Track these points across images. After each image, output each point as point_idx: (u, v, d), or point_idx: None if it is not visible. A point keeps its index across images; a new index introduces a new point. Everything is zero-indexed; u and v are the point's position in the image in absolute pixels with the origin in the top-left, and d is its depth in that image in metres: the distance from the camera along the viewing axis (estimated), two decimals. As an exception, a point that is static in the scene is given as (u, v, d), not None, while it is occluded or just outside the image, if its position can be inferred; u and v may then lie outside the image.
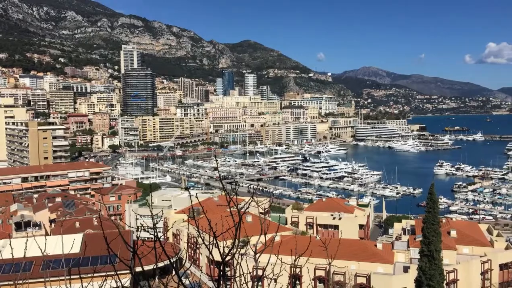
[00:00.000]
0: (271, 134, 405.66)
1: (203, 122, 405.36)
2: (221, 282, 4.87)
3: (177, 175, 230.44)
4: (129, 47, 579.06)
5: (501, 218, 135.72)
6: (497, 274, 61.54)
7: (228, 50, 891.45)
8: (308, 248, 11.15)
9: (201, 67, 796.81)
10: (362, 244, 67.75)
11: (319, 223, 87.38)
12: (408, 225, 75.77)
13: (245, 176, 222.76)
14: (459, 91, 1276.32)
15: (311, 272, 56.79)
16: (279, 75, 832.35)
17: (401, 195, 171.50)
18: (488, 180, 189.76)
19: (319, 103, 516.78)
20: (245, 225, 20.88)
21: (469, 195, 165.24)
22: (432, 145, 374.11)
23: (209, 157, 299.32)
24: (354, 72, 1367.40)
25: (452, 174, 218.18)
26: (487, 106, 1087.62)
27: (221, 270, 4.84)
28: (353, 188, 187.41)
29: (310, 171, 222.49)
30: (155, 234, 4.99)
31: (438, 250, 41.87)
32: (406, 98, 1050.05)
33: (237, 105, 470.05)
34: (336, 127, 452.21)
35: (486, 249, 63.14)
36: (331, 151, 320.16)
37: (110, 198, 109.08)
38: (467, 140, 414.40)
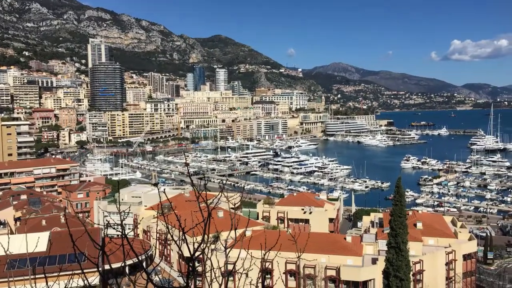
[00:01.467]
0: (242, 129, 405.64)
1: (174, 117, 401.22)
2: (190, 278, 4.88)
3: (148, 171, 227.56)
4: (96, 41, 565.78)
5: (465, 210, 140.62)
6: (461, 264, 63.76)
7: (199, 45, 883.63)
8: (278, 242, 11.27)
9: (172, 61, 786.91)
10: (332, 238, 68.84)
11: (290, 218, 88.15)
12: (376, 218, 77.47)
13: (217, 172, 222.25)
14: (425, 87, 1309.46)
15: (282, 266, 57.35)
16: (250, 70, 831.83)
17: (369, 189, 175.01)
18: (452, 174, 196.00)
19: (290, 99, 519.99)
20: (216, 220, 20.99)
21: (434, 188, 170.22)
22: (400, 139, 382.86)
23: (180, 152, 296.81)
24: (324, 68, 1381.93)
25: (418, 168, 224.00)
26: (451, 101, 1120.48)
27: (190, 266, 4.86)
28: (323, 182, 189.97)
29: (281, 166, 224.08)
30: (122, 231, 4.94)
31: (405, 242, 43.05)
32: (374, 94, 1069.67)
33: (208, 100, 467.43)
34: (307, 122, 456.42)
35: (450, 240, 65.21)
36: (301, 146, 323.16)
37: (78, 195, 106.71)
38: (432, 135, 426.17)
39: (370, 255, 60.50)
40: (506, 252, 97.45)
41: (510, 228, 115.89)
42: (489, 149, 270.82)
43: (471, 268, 65.70)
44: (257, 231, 61.16)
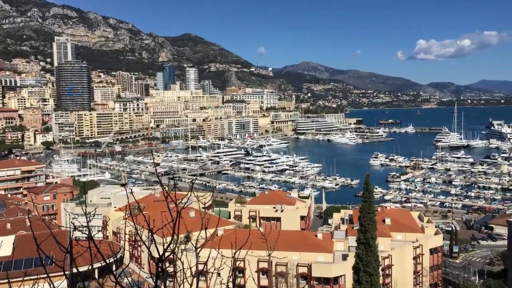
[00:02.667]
0: (214, 128, 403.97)
1: (144, 117, 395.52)
2: (159, 279, 4.86)
3: (117, 171, 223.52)
4: (62, 39, 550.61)
5: (431, 205, 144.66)
6: (428, 258, 65.62)
7: (168, 44, 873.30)
8: (251, 241, 11.31)
9: (141, 60, 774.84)
10: (303, 235, 69.54)
11: (262, 216, 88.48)
12: (346, 215, 78.73)
13: (188, 171, 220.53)
14: (392, 86, 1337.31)
15: (254, 265, 57.55)
16: (221, 69, 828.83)
17: (340, 186, 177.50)
18: (419, 170, 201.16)
19: (261, 98, 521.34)
20: (188, 220, 20.86)
21: (402, 184, 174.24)
22: (368, 137, 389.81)
23: (150, 152, 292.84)
24: (294, 67, 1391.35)
25: (387, 165, 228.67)
26: (417, 100, 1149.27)
27: (160, 267, 4.83)
28: (295, 180, 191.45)
29: (253, 165, 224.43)
30: (89, 233, 4.85)
31: (374, 238, 43.94)
32: (343, 93, 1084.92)
33: (178, 99, 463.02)
34: (278, 121, 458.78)
35: (417, 235, 67.00)
36: (273, 144, 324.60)
37: (44, 197, 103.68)
38: (399, 133, 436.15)
39: (340, 251, 61.46)
40: (470, 245, 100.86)
41: (474, 223, 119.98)
42: (453, 146, 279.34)
43: (437, 262, 67.71)
44: (229, 230, 61.12)
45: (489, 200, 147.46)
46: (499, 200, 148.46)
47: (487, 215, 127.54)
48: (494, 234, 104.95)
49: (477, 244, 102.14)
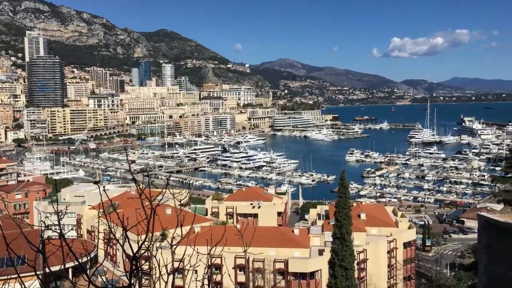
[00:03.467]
0: (190, 125, 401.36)
1: (119, 113, 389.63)
2: (133, 277, 4.87)
3: (91, 169, 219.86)
4: (34, 34, 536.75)
5: (405, 200, 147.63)
6: (402, 252, 67.05)
7: (143, 39, 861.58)
8: (227, 238, 11.36)
9: (115, 56, 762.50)
10: (280, 231, 70.01)
11: (239, 213, 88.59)
12: (322, 210, 79.56)
13: (164, 168, 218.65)
14: (367, 83, 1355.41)
15: (231, 261, 57.64)
16: (197, 65, 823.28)
17: (316, 182, 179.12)
18: (393, 166, 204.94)
19: (238, 94, 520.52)
20: (164, 217, 20.64)
21: (376, 180, 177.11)
22: (344, 134, 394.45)
23: (126, 149, 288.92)
24: (271, 63, 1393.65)
25: (362, 161, 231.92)
26: (392, 97, 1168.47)
27: (133, 265, 4.85)
28: (272, 177, 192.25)
29: (230, 162, 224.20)
30: (60, 232, 4.82)
31: (349, 233, 44.64)
32: (320, 90, 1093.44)
33: (154, 96, 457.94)
34: (255, 117, 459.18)
35: (391, 229, 68.34)
36: (250, 141, 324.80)
37: (16, 195, 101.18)
38: (374, 129, 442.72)
39: (317, 247, 62.16)
40: (442, 239, 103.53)
41: (446, 217, 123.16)
42: (426, 142, 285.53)
43: (411, 255, 69.25)
44: (206, 227, 60.99)
45: (460, 194, 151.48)
46: (470, 194, 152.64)
47: (458, 209, 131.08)
48: (465, 228, 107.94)
49: (449, 237, 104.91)
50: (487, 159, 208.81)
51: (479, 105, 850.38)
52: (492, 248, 17.51)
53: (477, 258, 66.16)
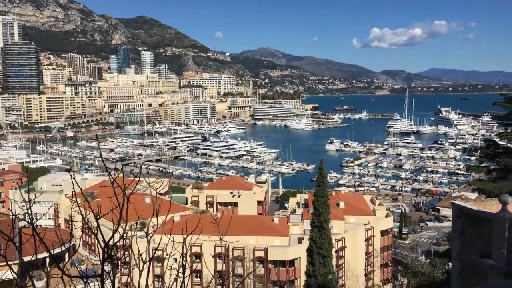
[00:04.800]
0: (170, 113, 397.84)
1: (97, 101, 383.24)
2: (106, 265, 4.84)
3: (69, 157, 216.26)
4: (8, 18, 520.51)
5: (383, 189, 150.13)
6: (379, 239, 68.36)
7: (122, 26, 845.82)
8: (207, 227, 11.38)
9: (93, 42, 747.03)
10: (260, 220, 70.46)
11: (219, 201, 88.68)
12: (302, 199, 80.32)
13: (144, 157, 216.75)
14: (347, 73, 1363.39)
15: (211, 249, 57.83)
16: (177, 53, 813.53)
17: (296, 171, 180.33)
18: (371, 155, 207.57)
19: (218, 83, 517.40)
20: (144, 206, 20.58)
21: (355, 169, 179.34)
22: (324, 123, 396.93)
23: (104, 138, 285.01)
24: (252, 52, 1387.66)
25: (341, 150, 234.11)
26: (371, 87, 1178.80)
27: (106, 253, 4.81)
28: (252, 166, 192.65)
29: (210, 151, 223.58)
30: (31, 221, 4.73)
31: (327, 221, 45.21)
32: (300, 79, 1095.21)
33: (133, 83, 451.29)
34: (235, 106, 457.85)
35: (369, 218, 69.51)
36: (230, 130, 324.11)
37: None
38: (354, 119, 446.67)
39: (296, 235, 62.84)
40: (419, 227, 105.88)
41: (422, 205, 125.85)
42: (404, 131, 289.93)
43: (388, 243, 70.69)
44: (186, 216, 60.91)
45: (437, 183, 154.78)
46: (446, 183, 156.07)
47: (434, 198, 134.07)
48: (440, 216, 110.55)
49: (425, 225, 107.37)
50: (462, 149, 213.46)
51: (456, 96, 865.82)
52: (465, 235, 18.01)
53: (451, 245, 67.98)
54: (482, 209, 17.49)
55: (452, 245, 20.81)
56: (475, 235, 16.83)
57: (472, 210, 17.32)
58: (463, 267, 17.98)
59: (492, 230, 15.02)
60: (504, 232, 14.36)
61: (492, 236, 14.98)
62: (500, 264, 14.46)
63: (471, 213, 17.26)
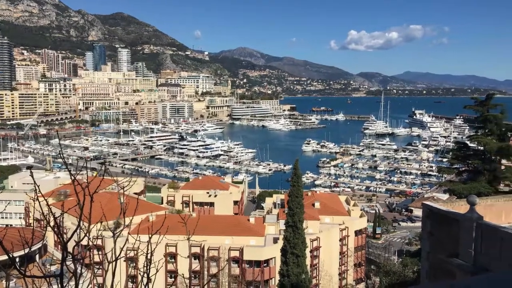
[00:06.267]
0: (147, 112, 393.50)
1: (71, 98, 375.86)
2: (66, 265, 4.77)
3: (42, 156, 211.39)
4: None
5: (358, 189, 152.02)
6: (353, 239, 69.28)
7: (99, 22, 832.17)
8: (182, 226, 11.31)
9: (68, 38, 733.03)
10: (236, 220, 70.45)
11: (195, 201, 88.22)
12: (278, 199, 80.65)
13: (119, 156, 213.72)
14: (325, 75, 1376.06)
15: (186, 250, 57.46)
16: (155, 51, 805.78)
17: (273, 172, 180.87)
18: (347, 156, 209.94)
19: (196, 82, 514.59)
20: (118, 206, 20.20)
21: (331, 169, 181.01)
22: (301, 124, 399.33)
23: (78, 136, 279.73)
24: (230, 52, 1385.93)
25: (318, 151, 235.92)
26: (348, 88, 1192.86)
27: (65, 253, 4.74)
28: (229, 166, 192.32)
29: (187, 150, 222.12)
30: None
31: (301, 221, 45.52)
32: (278, 80, 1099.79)
33: (109, 81, 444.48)
34: (213, 106, 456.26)
35: (344, 218, 70.34)
36: (208, 129, 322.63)
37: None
38: (331, 120, 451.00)
39: (272, 235, 63.08)
40: (392, 227, 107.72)
41: (395, 205, 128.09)
42: (380, 133, 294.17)
43: (361, 243, 71.71)
44: (161, 216, 60.35)
45: (410, 184, 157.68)
46: (419, 184, 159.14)
47: (407, 199, 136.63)
48: (413, 216, 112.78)
49: (398, 225, 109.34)
50: (435, 150, 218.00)
51: (430, 99, 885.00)
52: (434, 235, 18.42)
53: (421, 245, 69.42)
54: (450, 209, 17.89)
55: (421, 245, 21.24)
56: (444, 235, 17.23)
57: (441, 210, 17.71)
58: (431, 267, 18.38)
59: (460, 230, 15.38)
60: (471, 232, 14.71)
61: (460, 236, 15.34)
62: (468, 263, 14.83)
63: (440, 213, 17.64)
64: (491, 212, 17.71)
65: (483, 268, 13.98)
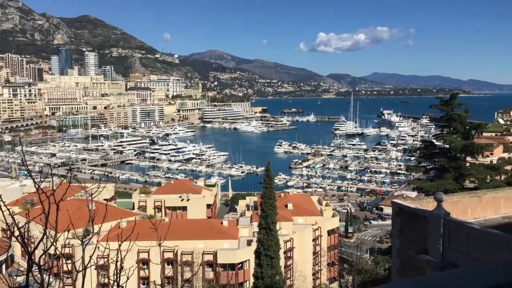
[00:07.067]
0: (116, 116, 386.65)
1: (37, 103, 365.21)
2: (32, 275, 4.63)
3: (6, 163, 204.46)
4: None
5: (329, 189, 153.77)
6: (326, 239, 70.00)
7: (64, 25, 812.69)
8: (154, 232, 11.12)
9: (33, 42, 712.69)
10: (209, 223, 70.02)
11: (167, 206, 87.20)
12: (251, 201, 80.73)
13: (88, 162, 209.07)
14: (295, 76, 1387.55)
15: (159, 255, 56.66)
16: (124, 54, 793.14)
17: (245, 174, 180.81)
18: (319, 157, 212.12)
19: (167, 85, 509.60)
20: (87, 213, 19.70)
21: (303, 170, 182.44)
22: (273, 126, 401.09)
23: (45, 142, 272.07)
24: (201, 55, 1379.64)
25: (290, 152, 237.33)
26: (318, 90, 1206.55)
27: (31, 262, 4.60)
28: (201, 169, 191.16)
29: (158, 154, 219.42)
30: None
31: (274, 222, 45.69)
32: (249, 82, 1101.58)
33: (77, 85, 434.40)
34: (184, 109, 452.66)
35: (317, 218, 71.01)
36: (179, 133, 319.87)
37: None
38: (302, 121, 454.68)
39: (245, 237, 63.00)
40: (363, 225, 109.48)
41: (366, 204, 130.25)
42: (350, 133, 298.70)
43: (334, 242, 72.55)
44: (132, 222, 59.34)
45: (380, 183, 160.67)
46: (388, 183, 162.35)
47: (378, 197, 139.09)
48: (383, 215, 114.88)
49: (369, 224, 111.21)
50: (403, 149, 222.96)
51: (397, 99, 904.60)
52: (404, 232, 18.82)
53: (391, 242, 70.83)
54: (419, 207, 18.30)
55: (392, 243, 21.62)
56: (413, 232, 17.61)
57: (410, 208, 18.09)
58: (402, 263, 18.75)
59: (428, 227, 15.74)
60: (439, 229, 15.07)
61: (428, 232, 15.70)
62: (436, 259, 15.20)
63: (409, 211, 18.02)
64: (458, 208, 18.22)
65: (451, 264, 14.37)
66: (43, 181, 5.40)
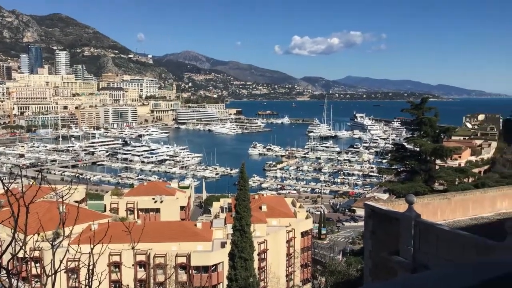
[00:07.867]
0: (88, 117, 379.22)
1: (5, 103, 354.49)
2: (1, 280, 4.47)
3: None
4: None
5: (303, 191, 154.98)
6: (299, 241, 70.49)
7: (35, 23, 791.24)
8: (127, 234, 10.91)
9: (1, 40, 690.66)
10: (183, 225, 69.45)
11: (140, 208, 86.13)
12: (225, 203, 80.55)
13: (58, 163, 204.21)
14: (270, 79, 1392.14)
15: (131, 258, 55.83)
16: (96, 54, 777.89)
17: (220, 176, 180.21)
18: (293, 159, 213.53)
19: (140, 86, 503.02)
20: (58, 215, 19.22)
21: (277, 172, 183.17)
22: (247, 127, 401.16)
23: (13, 142, 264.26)
24: (175, 55, 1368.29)
25: (264, 154, 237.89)
26: (292, 92, 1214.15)
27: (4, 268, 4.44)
28: (175, 170, 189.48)
29: (131, 155, 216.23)
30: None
31: (249, 224, 45.72)
32: (224, 83, 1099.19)
33: (47, 84, 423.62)
34: (158, 110, 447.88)
35: (290, 220, 71.44)
36: (152, 134, 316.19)
37: None
38: (276, 123, 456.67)
39: (219, 239, 62.79)
40: (336, 227, 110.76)
41: (339, 206, 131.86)
42: (323, 136, 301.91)
43: (308, 244, 73.14)
44: (104, 224, 58.26)
45: (352, 185, 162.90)
46: (361, 185, 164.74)
47: (350, 199, 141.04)
48: (356, 216, 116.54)
49: (342, 225, 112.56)
50: (375, 152, 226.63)
51: (369, 103, 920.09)
52: (376, 234, 19.12)
53: (364, 244, 71.90)
54: (391, 208, 18.62)
55: (364, 244, 21.94)
56: (385, 233, 17.91)
57: (382, 210, 18.39)
58: (374, 265, 19.05)
59: (400, 228, 16.03)
60: (410, 230, 15.38)
61: (400, 234, 16.00)
62: (408, 260, 15.50)
63: (381, 213, 18.33)
64: (428, 210, 18.64)
65: (422, 265, 14.68)
66: (12, 182, 5.22)
